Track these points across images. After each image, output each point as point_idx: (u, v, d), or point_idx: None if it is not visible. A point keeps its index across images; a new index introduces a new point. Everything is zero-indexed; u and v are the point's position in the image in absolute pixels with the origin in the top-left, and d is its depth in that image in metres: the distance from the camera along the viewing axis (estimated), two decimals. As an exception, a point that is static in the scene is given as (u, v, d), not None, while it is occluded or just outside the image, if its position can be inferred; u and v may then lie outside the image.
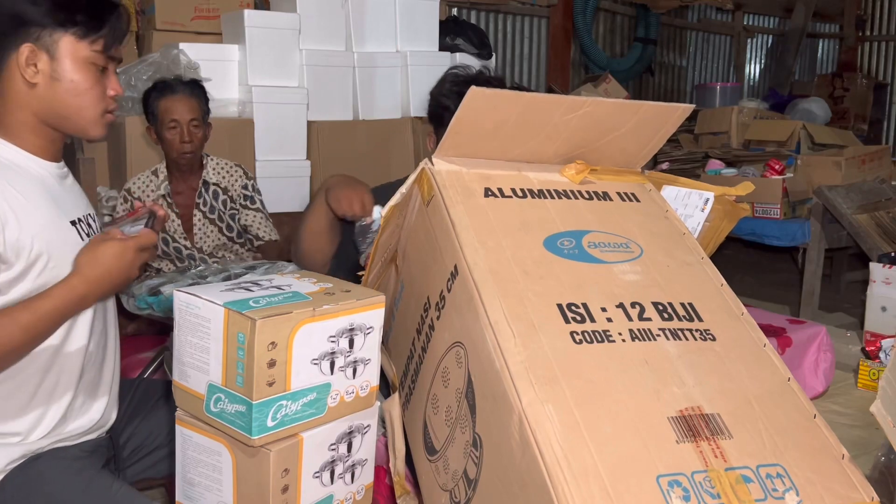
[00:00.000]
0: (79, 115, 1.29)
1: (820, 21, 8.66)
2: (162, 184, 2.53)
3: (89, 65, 1.28)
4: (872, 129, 7.60)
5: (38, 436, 1.30)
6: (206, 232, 2.59)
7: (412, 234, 1.38)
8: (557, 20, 6.27)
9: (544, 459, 0.91)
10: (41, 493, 1.26)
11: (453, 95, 1.92)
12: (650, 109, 1.35)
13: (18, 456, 1.28)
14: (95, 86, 1.29)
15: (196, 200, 2.56)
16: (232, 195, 2.60)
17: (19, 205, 1.23)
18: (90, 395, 1.38)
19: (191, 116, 2.43)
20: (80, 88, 1.28)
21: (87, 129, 1.32)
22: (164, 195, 2.53)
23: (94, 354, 1.37)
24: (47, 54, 1.25)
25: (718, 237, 1.72)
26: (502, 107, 1.25)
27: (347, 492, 1.22)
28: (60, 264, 1.27)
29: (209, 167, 2.59)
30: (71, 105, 1.28)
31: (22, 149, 1.30)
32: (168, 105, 2.42)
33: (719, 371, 1.08)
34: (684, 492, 0.92)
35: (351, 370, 1.16)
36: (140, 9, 3.68)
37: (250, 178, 2.66)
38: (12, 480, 1.27)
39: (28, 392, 1.28)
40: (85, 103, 1.29)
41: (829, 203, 3.76)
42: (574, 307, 1.11)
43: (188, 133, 2.43)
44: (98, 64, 1.29)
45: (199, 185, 2.56)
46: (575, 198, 1.32)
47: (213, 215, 2.57)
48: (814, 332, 2.71)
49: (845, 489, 0.98)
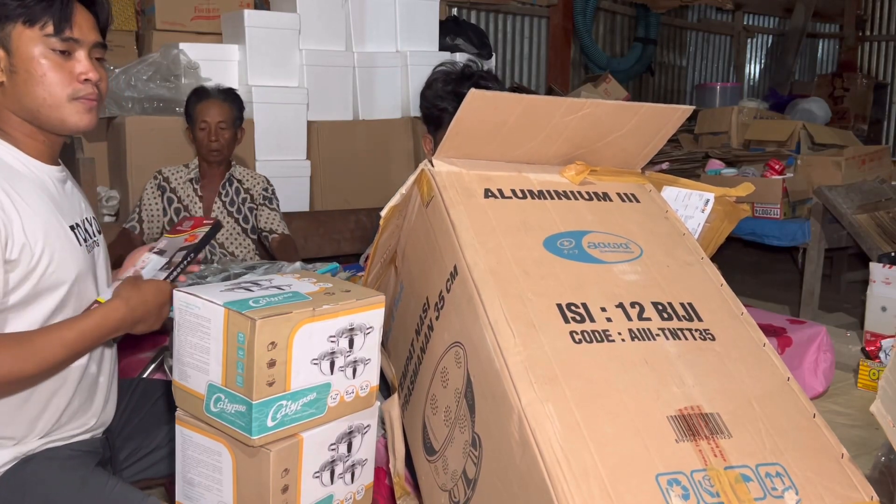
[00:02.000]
0: (46, 105, 1.27)
1: (820, 21, 8.66)
2: (192, 171, 2.76)
3: (45, 50, 1.26)
4: (872, 129, 7.60)
5: (32, 438, 1.30)
6: (223, 220, 2.76)
7: (412, 234, 1.38)
8: (557, 20, 6.28)
9: (544, 458, 0.91)
10: (36, 494, 1.25)
11: (449, 96, 1.91)
12: (650, 110, 1.35)
13: (10, 458, 1.27)
14: (53, 70, 1.27)
15: (220, 191, 2.77)
16: (253, 195, 2.81)
17: (22, 208, 1.23)
18: (87, 398, 1.37)
19: (219, 119, 2.68)
20: (37, 75, 1.26)
21: (63, 119, 1.29)
22: (191, 179, 2.75)
23: (93, 357, 1.37)
24: (3, 50, 1.26)
25: (719, 238, 1.72)
26: (502, 108, 1.25)
27: (347, 492, 1.22)
28: (60, 269, 1.27)
29: (236, 169, 2.82)
30: (36, 95, 1.27)
31: (21, 150, 1.29)
32: (201, 108, 2.69)
33: (719, 371, 1.08)
34: (683, 490, 0.92)
35: (351, 370, 1.16)
36: (140, 9, 3.68)
37: (271, 185, 2.89)
38: (6, 483, 1.26)
39: (22, 397, 1.27)
40: (47, 91, 1.27)
41: (829, 203, 3.76)
42: (574, 307, 1.11)
43: (215, 133, 2.67)
44: (55, 48, 1.27)
45: (224, 179, 2.78)
46: (575, 198, 1.32)
47: (232, 207, 2.77)
48: (814, 332, 2.71)
49: (845, 488, 0.98)
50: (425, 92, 1.96)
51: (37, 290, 1.25)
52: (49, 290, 1.26)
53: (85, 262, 1.33)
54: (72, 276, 1.29)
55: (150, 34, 3.55)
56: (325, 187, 3.61)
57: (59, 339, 1.21)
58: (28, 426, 1.29)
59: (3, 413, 1.26)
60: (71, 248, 1.30)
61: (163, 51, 3.36)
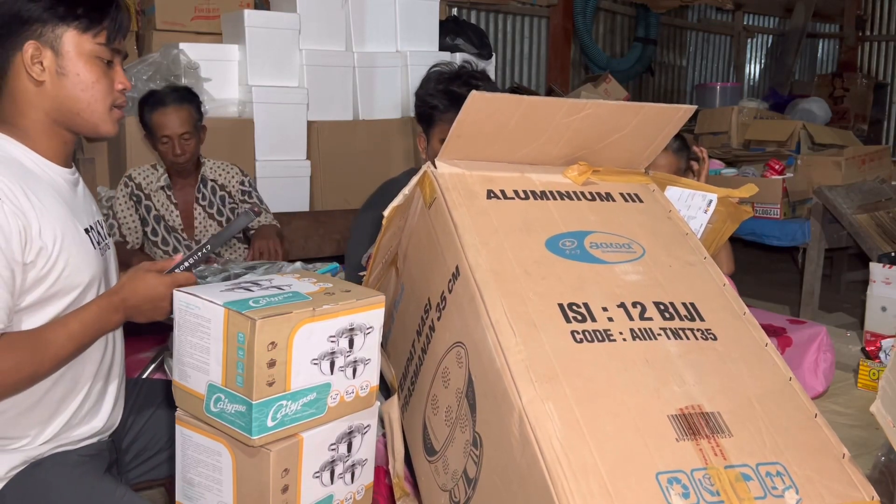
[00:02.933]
0: (89, 110, 1.29)
1: (820, 21, 8.66)
2: (162, 177, 2.59)
3: (94, 58, 1.28)
4: (872, 129, 7.60)
5: (40, 442, 1.29)
6: (206, 226, 2.65)
7: (414, 236, 1.38)
8: (557, 20, 6.28)
9: (544, 457, 0.91)
10: (44, 502, 1.25)
11: (440, 94, 1.91)
12: (652, 110, 1.35)
13: (19, 462, 1.27)
14: (102, 79, 1.29)
15: (196, 195, 2.63)
16: (230, 191, 2.67)
17: (39, 210, 1.23)
18: (97, 401, 1.37)
19: (182, 130, 2.47)
20: (87, 82, 1.28)
21: (98, 125, 1.31)
22: (163, 187, 2.58)
23: (104, 362, 1.37)
24: (52, 50, 1.25)
25: (721, 238, 1.72)
26: (504, 110, 1.25)
27: (347, 492, 1.22)
28: (75, 273, 1.27)
29: (206, 167, 2.66)
30: (80, 100, 1.28)
31: (37, 153, 1.29)
32: (159, 120, 2.47)
33: (720, 370, 1.08)
34: (684, 489, 0.92)
35: (351, 370, 1.16)
36: (140, 9, 3.68)
37: (246, 175, 2.73)
38: (13, 489, 1.26)
39: (34, 399, 1.27)
40: (93, 97, 1.29)
41: (829, 203, 3.76)
42: (575, 307, 1.11)
43: (179, 147, 2.48)
44: (103, 57, 1.29)
45: (197, 182, 2.63)
46: (577, 199, 1.32)
47: (212, 210, 2.64)
48: (814, 332, 2.71)
49: (845, 488, 0.98)
50: (419, 91, 1.97)
51: (51, 293, 1.25)
52: (63, 293, 1.26)
53: (98, 265, 1.33)
54: (86, 279, 1.29)
55: (150, 34, 3.54)
56: (325, 187, 3.61)
57: (65, 332, 1.22)
58: (38, 429, 1.29)
59: (14, 414, 1.26)
60: (86, 252, 1.30)
61: (163, 51, 3.36)
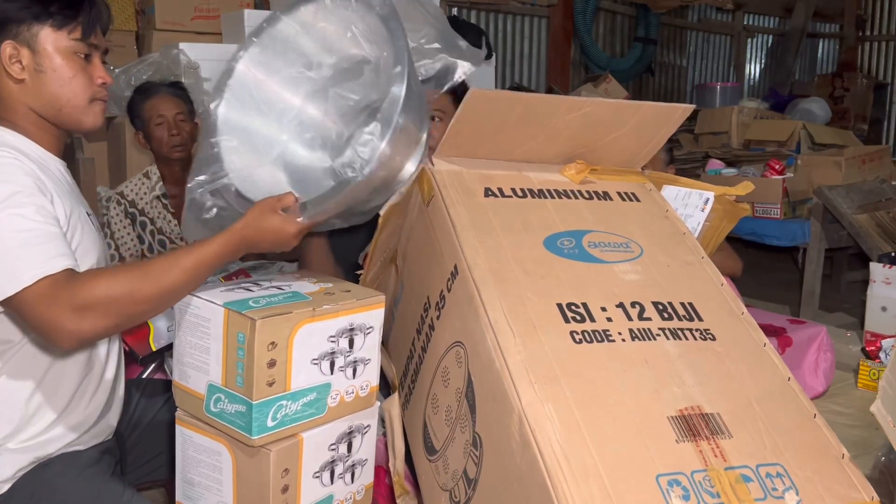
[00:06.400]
0: (70, 105, 1.32)
1: (820, 21, 8.66)
2: (156, 185, 2.55)
3: (71, 54, 1.31)
4: (872, 129, 7.59)
5: (48, 440, 1.29)
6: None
7: (412, 233, 1.38)
8: (557, 20, 6.27)
9: (544, 459, 0.91)
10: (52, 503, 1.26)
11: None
12: (650, 110, 1.35)
13: (28, 462, 1.27)
14: (80, 74, 1.32)
15: None
16: None
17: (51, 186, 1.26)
18: (103, 399, 1.37)
19: (176, 111, 2.47)
20: (65, 77, 1.30)
21: (80, 119, 1.34)
22: (159, 196, 2.54)
23: (110, 365, 1.38)
24: (29, 49, 1.29)
25: (718, 237, 1.72)
26: (502, 107, 1.25)
27: (347, 492, 1.22)
28: (83, 253, 1.28)
29: None
30: (60, 95, 1.31)
31: (35, 143, 1.32)
32: (152, 104, 2.47)
33: (719, 371, 1.08)
34: (684, 491, 0.92)
35: (351, 370, 1.16)
36: (140, 9, 3.67)
37: None
38: (22, 489, 1.26)
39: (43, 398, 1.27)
40: (72, 91, 1.31)
41: (829, 203, 3.75)
42: (574, 307, 1.11)
43: (175, 126, 2.46)
44: (80, 52, 1.32)
45: None
46: (575, 197, 1.32)
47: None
48: (814, 332, 2.71)
49: (845, 488, 0.98)
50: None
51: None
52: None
53: (102, 248, 1.35)
54: (93, 260, 1.30)
55: (150, 34, 3.54)
56: (325, 187, 3.61)
57: (177, 264, 1.19)
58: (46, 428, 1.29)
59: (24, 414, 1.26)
60: (91, 233, 1.33)
61: (163, 51, 3.36)
